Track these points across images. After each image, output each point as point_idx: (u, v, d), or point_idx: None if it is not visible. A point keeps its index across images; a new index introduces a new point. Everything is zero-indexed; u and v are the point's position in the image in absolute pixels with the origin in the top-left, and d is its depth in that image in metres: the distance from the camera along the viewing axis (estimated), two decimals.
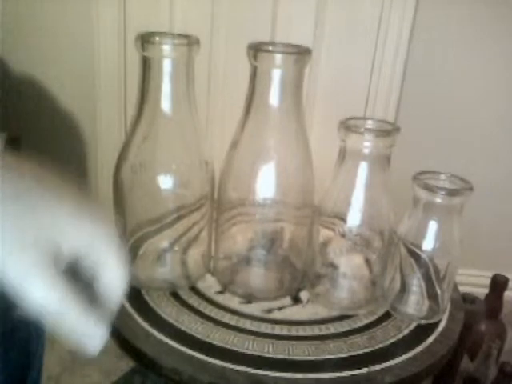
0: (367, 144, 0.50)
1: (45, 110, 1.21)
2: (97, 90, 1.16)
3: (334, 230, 0.54)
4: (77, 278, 0.29)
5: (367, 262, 0.56)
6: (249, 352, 0.49)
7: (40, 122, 1.23)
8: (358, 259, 0.56)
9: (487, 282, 0.93)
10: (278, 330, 0.53)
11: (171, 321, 0.53)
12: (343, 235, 0.53)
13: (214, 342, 0.50)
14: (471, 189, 0.51)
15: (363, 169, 0.51)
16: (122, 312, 0.53)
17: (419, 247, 0.53)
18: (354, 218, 0.53)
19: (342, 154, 0.52)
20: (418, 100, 1.10)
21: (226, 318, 0.54)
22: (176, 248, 0.59)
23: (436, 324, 0.56)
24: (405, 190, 0.53)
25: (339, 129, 0.50)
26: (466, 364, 0.79)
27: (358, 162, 0.51)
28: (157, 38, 0.50)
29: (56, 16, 1.09)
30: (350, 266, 0.57)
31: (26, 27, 1.13)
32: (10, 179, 0.27)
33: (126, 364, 0.95)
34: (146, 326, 0.51)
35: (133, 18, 1.09)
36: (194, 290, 0.58)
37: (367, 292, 0.57)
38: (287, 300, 0.58)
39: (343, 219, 0.53)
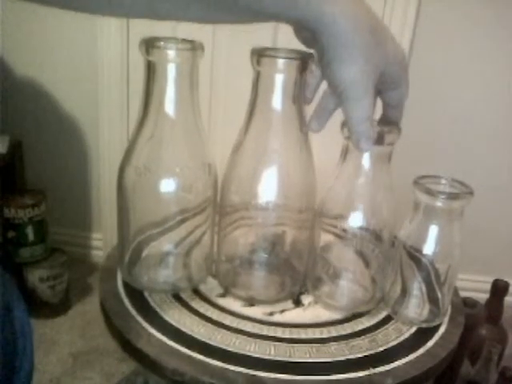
0: None
1: (47, 112, 1.22)
2: (99, 93, 1.17)
3: (334, 232, 0.54)
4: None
5: (368, 265, 0.56)
6: (250, 354, 0.50)
7: (42, 124, 1.23)
8: (358, 262, 0.56)
9: (488, 287, 0.93)
10: (279, 332, 0.53)
11: (173, 323, 0.53)
12: (343, 238, 0.54)
13: (216, 344, 0.50)
14: (471, 193, 0.51)
15: (365, 169, 0.52)
16: (124, 314, 0.54)
17: (420, 251, 0.53)
18: (355, 221, 0.53)
19: (344, 153, 0.53)
20: (419, 103, 1.10)
21: (228, 320, 0.54)
22: (179, 251, 0.59)
23: (436, 327, 0.56)
24: (406, 194, 0.53)
25: (342, 127, 0.50)
26: (466, 368, 0.79)
27: (359, 160, 0.52)
28: (161, 43, 0.50)
29: (59, 18, 1.10)
30: (350, 269, 0.57)
31: (29, 30, 1.14)
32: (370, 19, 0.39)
33: (127, 366, 0.95)
34: (148, 327, 0.52)
35: (136, 21, 1.09)
36: (196, 292, 0.58)
37: (368, 295, 0.58)
38: (289, 303, 0.58)
39: (344, 222, 0.53)
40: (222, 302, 0.57)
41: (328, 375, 0.48)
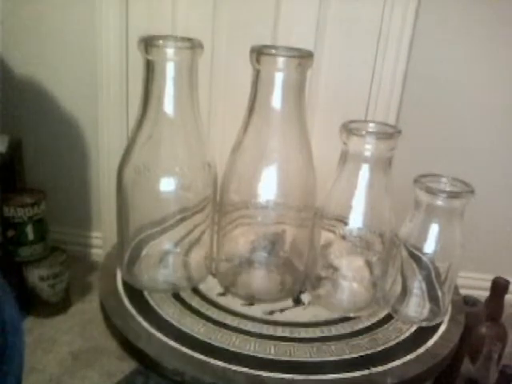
0: (368, 147, 0.51)
1: (47, 112, 1.22)
2: (99, 92, 1.16)
3: (334, 232, 0.54)
4: None
5: (368, 264, 0.56)
6: (250, 353, 0.49)
7: (42, 124, 1.23)
8: (358, 261, 0.56)
9: (488, 285, 0.93)
10: (279, 331, 0.53)
11: (173, 322, 0.53)
12: (344, 237, 0.54)
13: (216, 344, 0.50)
14: (472, 192, 0.51)
15: (365, 171, 0.52)
16: (124, 313, 0.54)
17: (420, 250, 0.53)
18: (355, 221, 0.53)
19: (344, 157, 0.53)
20: (419, 103, 1.10)
21: (228, 319, 0.54)
22: (178, 250, 0.59)
23: (437, 326, 0.56)
24: (406, 193, 0.53)
25: (341, 132, 0.50)
26: (467, 366, 0.79)
27: (359, 164, 0.52)
28: (160, 42, 0.50)
29: (59, 18, 1.10)
30: (350, 268, 0.57)
31: (29, 29, 1.14)
32: None
33: (127, 366, 0.95)
34: (148, 327, 0.52)
35: (135, 20, 1.09)
36: (196, 291, 0.58)
37: (368, 294, 0.58)
38: (289, 302, 0.58)
39: (344, 221, 0.53)
40: (221, 301, 0.57)
41: (328, 374, 0.48)
